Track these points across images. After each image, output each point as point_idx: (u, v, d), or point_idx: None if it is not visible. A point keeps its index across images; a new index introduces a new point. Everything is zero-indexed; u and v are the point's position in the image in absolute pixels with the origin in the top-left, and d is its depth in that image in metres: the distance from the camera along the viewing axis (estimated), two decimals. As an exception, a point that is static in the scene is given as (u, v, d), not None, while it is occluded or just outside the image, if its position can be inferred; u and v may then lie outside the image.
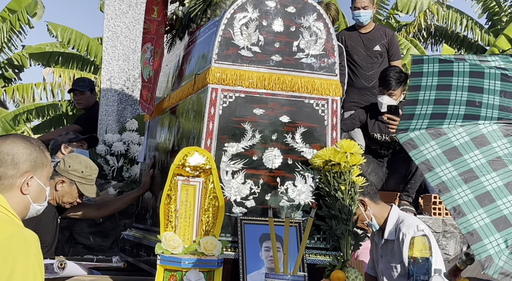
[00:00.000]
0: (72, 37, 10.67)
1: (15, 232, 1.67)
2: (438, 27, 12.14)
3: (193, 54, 3.35)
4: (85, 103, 5.66)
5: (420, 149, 2.15)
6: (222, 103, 2.95)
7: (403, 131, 2.19)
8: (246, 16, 3.01)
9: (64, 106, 10.83)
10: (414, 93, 2.21)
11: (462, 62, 2.19)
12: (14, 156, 1.79)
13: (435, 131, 2.16)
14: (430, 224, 4.55)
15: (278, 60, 3.03)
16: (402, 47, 10.17)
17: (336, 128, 3.08)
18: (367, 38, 5.15)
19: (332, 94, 3.08)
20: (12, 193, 1.79)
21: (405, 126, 2.20)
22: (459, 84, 2.17)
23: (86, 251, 4.49)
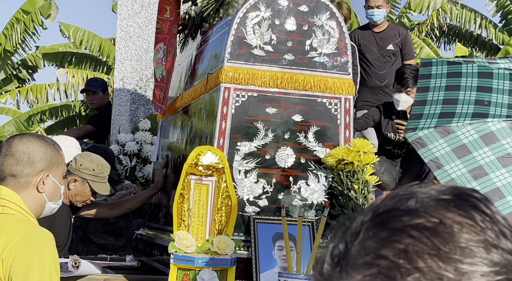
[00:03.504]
0: (84, 38, 10.73)
1: (31, 232, 1.68)
2: (451, 26, 12.06)
3: (206, 54, 3.36)
4: (97, 103, 5.68)
5: (429, 147, 2.15)
6: (234, 102, 2.95)
7: (411, 130, 2.20)
8: (259, 15, 3.01)
9: (78, 106, 10.89)
10: (422, 94, 2.22)
11: (471, 63, 2.20)
12: (30, 155, 1.80)
13: (444, 130, 2.17)
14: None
15: (291, 59, 3.02)
16: (415, 46, 10.12)
17: (349, 127, 3.07)
18: (380, 37, 5.13)
19: (345, 93, 3.07)
20: (28, 192, 1.80)
21: (414, 126, 2.20)
22: (468, 85, 2.17)
23: (99, 250, 4.51)
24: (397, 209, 0.49)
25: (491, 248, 0.46)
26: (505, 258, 0.46)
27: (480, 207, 0.48)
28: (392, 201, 0.50)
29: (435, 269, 0.45)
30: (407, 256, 0.46)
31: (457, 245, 0.46)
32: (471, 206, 0.48)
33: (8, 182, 1.80)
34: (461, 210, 0.48)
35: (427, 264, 0.45)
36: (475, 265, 0.45)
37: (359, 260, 0.48)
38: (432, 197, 0.49)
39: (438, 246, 0.46)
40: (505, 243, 0.47)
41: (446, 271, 0.45)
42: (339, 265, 0.49)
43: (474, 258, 0.45)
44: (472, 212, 0.48)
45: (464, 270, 0.45)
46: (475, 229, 0.47)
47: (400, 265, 0.46)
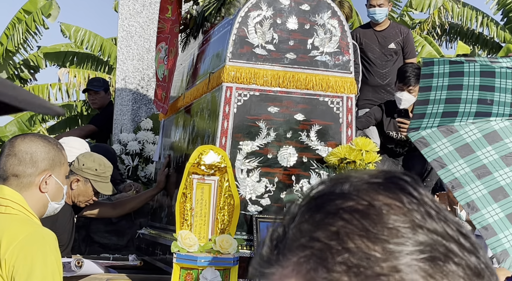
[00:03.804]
0: (85, 38, 10.74)
1: (34, 232, 1.68)
2: (452, 24, 12.05)
3: (208, 53, 3.36)
4: (99, 103, 5.69)
5: (432, 146, 2.15)
6: (236, 102, 2.95)
7: (414, 130, 2.20)
8: (260, 14, 3.01)
9: (79, 106, 10.91)
10: (425, 93, 2.22)
11: (473, 63, 2.20)
12: (33, 155, 1.80)
13: (447, 129, 2.17)
14: (446, 222, 4.53)
15: (293, 58, 3.02)
16: (416, 45, 10.11)
17: (351, 125, 3.07)
18: (382, 36, 5.13)
19: (347, 91, 3.06)
20: (31, 192, 1.80)
21: (417, 125, 2.20)
22: (470, 84, 2.17)
23: (102, 250, 4.51)
24: (332, 193, 0.51)
25: (417, 229, 0.48)
26: (430, 237, 0.48)
27: (408, 190, 0.50)
28: (327, 185, 0.52)
29: (364, 249, 0.47)
30: (338, 238, 0.48)
31: (385, 226, 0.48)
32: (400, 189, 0.50)
33: (10, 182, 1.80)
34: (390, 193, 0.50)
35: (356, 244, 0.47)
36: (401, 245, 0.47)
37: (295, 242, 0.50)
38: (364, 180, 0.51)
39: (367, 228, 0.48)
40: (430, 224, 0.48)
41: (374, 251, 0.47)
42: (277, 248, 0.51)
43: (400, 238, 0.47)
44: (400, 195, 0.50)
45: (391, 249, 0.47)
46: (402, 210, 0.49)
47: (332, 246, 0.48)
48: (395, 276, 0.46)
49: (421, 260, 0.47)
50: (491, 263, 0.51)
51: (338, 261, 0.47)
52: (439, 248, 0.48)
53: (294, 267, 0.49)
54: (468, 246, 0.50)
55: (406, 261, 0.47)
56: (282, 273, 0.50)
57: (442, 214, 0.50)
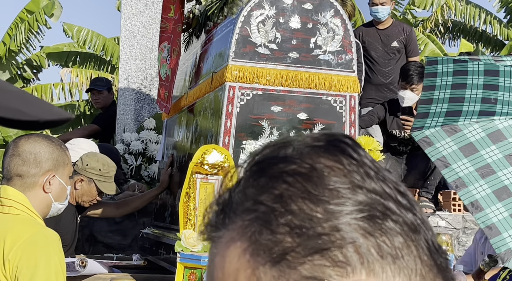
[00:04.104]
0: (88, 38, 10.75)
1: (37, 232, 1.68)
2: (455, 22, 12.02)
3: (210, 52, 3.36)
4: (102, 103, 5.69)
5: (436, 146, 2.15)
6: (239, 101, 2.95)
7: (418, 129, 2.19)
8: (263, 14, 3.00)
9: (82, 106, 10.92)
10: (428, 92, 2.22)
11: (477, 61, 2.19)
12: (37, 155, 1.81)
13: (451, 128, 2.16)
14: (450, 221, 4.52)
15: (295, 57, 3.02)
16: (419, 43, 10.09)
17: (354, 124, 3.07)
18: (384, 34, 5.12)
19: (350, 90, 3.06)
20: (35, 192, 1.80)
21: (420, 124, 2.19)
22: (474, 83, 2.17)
23: (106, 250, 4.52)
24: (275, 157, 0.53)
25: (357, 189, 0.50)
26: (369, 197, 0.50)
27: (348, 152, 0.52)
28: (271, 149, 0.54)
29: (306, 211, 0.49)
30: (281, 200, 0.50)
31: (326, 187, 0.50)
32: (340, 151, 0.52)
33: (14, 182, 1.80)
34: (331, 156, 0.51)
35: (299, 206, 0.49)
36: (341, 205, 0.49)
37: (240, 206, 0.51)
38: (307, 144, 0.53)
39: (308, 190, 0.49)
40: (369, 184, 0.50)
41: (315, 212, 0.49)
42: (224, 212, 0.52)
43: (340, 199, 0.49)
44: (340, 157, 0.51)
45: (332, 210, 0.49)
46: (342, 172, 0.50)
47: (275, 209, 0.49)
48: (335, 235, 0.48)
49: (360, 219, 0.49)
50: (427, 219, 0.53)
51: (281, 222, 0.49)
52: (377, 207, 0.50)
53: (239, 230, 0.51)
54: (405, 203, 0.51)
55: (346, 220, 0.49)
56: (229, 237, 0.51)
57: (380, 174, 0.52)
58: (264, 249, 0.49)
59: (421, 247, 0.51)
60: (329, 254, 0.48)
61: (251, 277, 0.49)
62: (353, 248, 0.48)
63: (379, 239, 0.49)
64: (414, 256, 0.50)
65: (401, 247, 0.49)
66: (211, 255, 0.53)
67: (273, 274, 0.49)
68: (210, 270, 0.53)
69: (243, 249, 0.50)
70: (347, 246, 0.48)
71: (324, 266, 0.48)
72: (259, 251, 0.49)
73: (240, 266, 0.50)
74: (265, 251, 0.49)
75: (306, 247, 0.48)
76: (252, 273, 0.49)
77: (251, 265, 0.49)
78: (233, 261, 0.51)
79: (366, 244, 0.49)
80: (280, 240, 0.49)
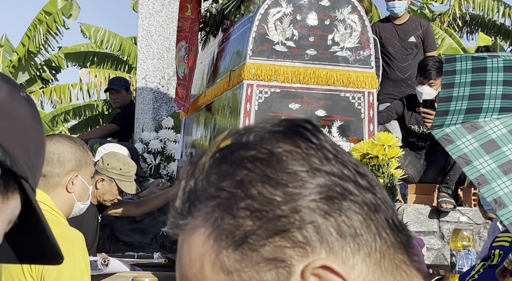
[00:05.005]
0: (105, 38, 10.82)
1: (62, 232, 1.70)
2: (473, 15, 11.90)
3: (228, 51, 3.36)
4: (121, 102, 5.73)
5: (456, 143, 2.14)
6: (257, 99, 2.96)
7: (438, 127, 2.18)
8: (280, 11, 3.00)
9: (100, 105, 11.00)
10: (447, 90, 2.20)
11: (496, 58, 2.18)
12: (60, 155, 1.83)
13: (471, 125, 2.15)
14: (471, 216, 4.48)
15: (313, 54, 3.02)
16: (437, 37, 10.01)
17: (373, 121, 3.06)
18: (401, 29, 5.09)
19: (368, 86, 3.05)
20: (58, 192, 1.83)
21: (440, 122, 2.18)
22: (494, 79, 2.15)
23: (126, 248, 4.56)
24: (236, 144, 0.54)
25: (315, 172, 0.51)
26: (327, 179, 0.51)
27: (306, 136, 0.53)
28: (234, 136, 0.55)
29: (265, 195, 0.50)
30: (242, 186, 0.51)
31: (285, 171, 0.51)
32: (298, 136, 0.53)
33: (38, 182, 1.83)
34: (290, 140, 0.53)
35: (258, 191, 0.51)
36: (300, 188, 0.50)
37: (204, 193, 0.53)
38: (267, 130, 0.54)
39: (268, 174, 0.51)
40: (327, 166, 0.52)
41: (275, 195, 0.50)
42: (189, 200, 0.53)
43: (299, 182, 0.51)
44: (299, 141, 0.53)
45: (291, 192, 0.50)
46: (301, 156, 0.52)
47: (236, 194, 0.51)
48: (295, 216, 0.50)
49: (319, 200, 0.50)
50: (388, 199, 0.54)
51: (242, 207, 0.50)
52: (336, 188, 0.51)
53: (204, 217, 0.52)
54: (364, 184, 0.52)
55: (304, 202, 0.50)
56: (194, 224, 0.52)
57: (340, 157, 0.53)
58: (227, 233, 0.50)
59: (381, 225, 0.51)
60: (289, 235, 0.49)
61: (215, 262, 0.51)
62: (312, 228, 0.49)
63: (338, 219, 0.50)
64: (373, 234, 0.51)
65: (360, 226, 0.50)
66: (179, 242, 0.54)
67: (236, 257, 0.50)
68: (179, 257, 0.54)
69: (207, 235, 0.51)
70: (306, 227, 0.49)
71: (284, 247, 0.49)
72: (221, 236, 0.51)
73: (205, 252, 0.51)
74: (227, 236, 0.50)
75: (266, 230, 0.49)
76: (216, 257, 0.51)
77: (214, 250, 0.51)
78: (198, 247, 0.52)
79: (325, 224, 0.50)
80: (241, 224, 0.50)
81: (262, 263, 0.49)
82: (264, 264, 0.49)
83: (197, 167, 0.55)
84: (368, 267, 0.51)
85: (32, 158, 0.74)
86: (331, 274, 0.49)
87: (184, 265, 0.53)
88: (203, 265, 0.51)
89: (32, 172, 0.74)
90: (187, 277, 0.53)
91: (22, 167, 0.72)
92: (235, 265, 0.50)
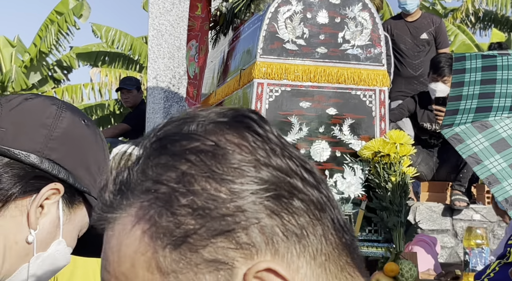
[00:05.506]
0: (116, 37, 10.86)
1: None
2: (486, 11, 11.81)
3: (238, 50, 3.36)
4: (132, 102, 5.75)
5: (466, 142, 2.12)
6: (268, 98, 2.95)
7: (448, 127, 2.17)
8: (290, 9, 2.99)
9: (112, 105, 11.05)
10: (457, 89, 2.19)
11: (506, 56, 2.16)
12: None
13: (481, 124, 2.13)
14: (485, 214, 4.45)
15: (324, 52, 3.00)
16: (449, 34, 9.95)
17: (385, 119, 3.04)
18: (413, 27, 5.06)
19: (379, 84, 3.03)
20: None
21: (450, 121, 2.17)
22: (504, 77, 2.13)
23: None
24: (177, 133, 0.49)
25: (261, 167, 0.47)
26: (274, 175, 0.48)
27: (253, 128, 0.49)
28: (173, 125, 0.50)
29: (209, 191, 0.47)
30: (183, 180, 0.47)
31: (230, 166, 0.47)
32: (245, 127, 0.49)
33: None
34: (236, 132, 0.49)
35: (202, 186, 0.46)
36: (246, 184, 0.47)
37: (139, 186, 0.48)
38: (211, 120, 0.50)
39: (212, 169, 0.47)
40: (275, 161, 0.48)
41: (219, 191, 0.46)
42: (121, 192, 0.49)
43: (245, 178, 0.47)
44: (245, 133, 0.49)
45: (236, 189, 0.47)
46: (247, 149, 0.48)
47: (176, 189, 0.47)
48: (240, 215, 0.46)
49: (266, 198, 0.47)
50: (333, 196, 0.52)
51: (183, 204, 0.46)
52: (283, 185, 0.48)
53: (138, 212, 0.48)
54: (311, 181, 0.49)
55: (251, 200, 0.47)
56: (126, 219, 0.49)
57: (287, 151, 0.50)
58: (164, 231, 0.47)
59: (327, 225, 0.49)
60: (233, 236, 0.46)
61: (150, 261, 0.47)
62: (258, 229, 0.46)
63: (284, 219, 0.47)
64: (319, 235, 0.48)
65: (306, 226, 0.48)
66: (106, 237, 0.50)
67: (174, 258, 0.46)
68: (105, 253, 0.50)
69: (142, 231, 0.47)
70: (252, 227, 0.46)
71: (227, 249, 0.46)
72: (159, 234, 0.47)
73: (138, 249, 0.48)
74: (165, 234, 0.46)
75: (209, 229, 0.46)
76: (152, 256, 0.47)
77: (150, 248, 0.47)
78: (131, 244, 0.48)
79: (271, 225, 0.47)
80: (181, 222, 0.46)
81: (202, 265, 0.46)
82: (204, 266, 0.46)
83: (131, 157, 0.50)
84: (313, 270, 0.48)
85: (94, 174, 0.90)
86: (276, 277, 0.46)
87: (112, 262, 0.49)
88: (134, 264, 0.48)
89: (94, 186, 0.89)
90: (115, 276, 0.49)
91: (84, 183, 0.89)
92: (172, 265, 0.46)
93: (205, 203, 0.46)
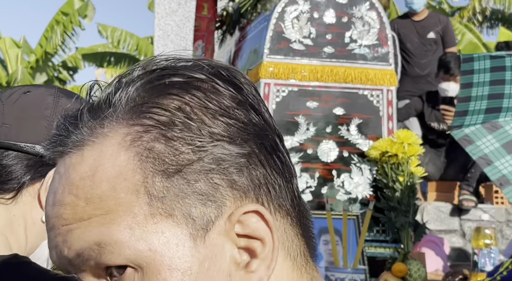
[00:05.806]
0: (122, 38, 10.88)
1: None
2: (494, 10, 11.76)
3: (244, 50, 3.35)
4: (139, 102, 5.76)
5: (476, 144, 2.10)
6: (275, 98, 2.94)
7: (457, 128, 2.15)
8: (297, 9, 2.98)
9: (118, 105, 11.06)
10: (466, 90, 2.17)
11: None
12: None
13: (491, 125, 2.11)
14: (493, 214, 4.43)
15: (331, 52, 2.99)
16: (456, 33, 9.91)
17: (392, 118, 3.02)
18: (420, 26, 5.04)
19: (386, 84, 3.02)
20: None
21: (460, 123, 2.15)
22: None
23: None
24: (180, 67, 0.50)
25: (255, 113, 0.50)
26: (264, 125, 0.50)
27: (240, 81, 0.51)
28: (170, 61, 0.51)
29: (210, 126, 0.48)
30: (186, 111, 0.47)
31: (233, 108, 0.49)
32: (234, 84, 0.51)
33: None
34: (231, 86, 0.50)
35: (202, 120, 0.47)
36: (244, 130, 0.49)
37: (134, 108, 0.48)
38: (215, 66, 0.51)
39: (213, 104, 0.48)
40: (264, 113, 0.51)
41: (216, 127, 0.48)
42: (99, 114, 0.48)
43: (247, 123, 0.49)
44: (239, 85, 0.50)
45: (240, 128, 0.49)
46: (242, 98, 0.50)
47: (179, 116, 0.47)
48: (239, 159, 0.48)
49: (260, 146, 0.49)
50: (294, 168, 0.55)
51: (183, 136, 0.47)
52: (270, 137, 0.51)
53: (128, 134, 0.47)
54: (284, 146, 0.53)
55: (249, 144, 0.48)
56: (107, 141, 0.47)
57: (262, 106, 0.52)
58: (159, 157, 0.46)
59: (291, 190, 0.51)
60: (227, 176, 0.47)
61: (137, 185, 0.46)
62: (254, 174, 0.48)
63: (268, 172, 0.49)
64: (289, 199, 0.51)
65: (283, 186, 0.50)
66: (68, 164, 0.48)
67: (165, 185, 0.46)
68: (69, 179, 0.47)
69: (133, 154, 0.46)
70: (244, 170, 0.47)
71: (219, 186, 0.47)
72: (152, 159, 0.46)
73: (123, 172, 0.46)
74: (159, 160, 0.46)
75: (204, 166, 0.46)
76: (141, 180, 0.46)
77: (140, 172, 0.46)
78: (114, 167, 0.46)
79: (263, 174, 0.48)
80: (178, 153, 0.46)
81: (192, 196, 0.46)
82: (193, 197, 0.46)
83: (125, 77, 0.50)
84: (284, 226, 0.50)
85: None
86: (260, 220, 0.47)
87: (82, 187, 0.47)
88: (116, 187, 0.46)
89: None
90: (85, 198, 0.46)
91: None
92: (163, 191, 0.46)
93: (203, 138, 0.47)
